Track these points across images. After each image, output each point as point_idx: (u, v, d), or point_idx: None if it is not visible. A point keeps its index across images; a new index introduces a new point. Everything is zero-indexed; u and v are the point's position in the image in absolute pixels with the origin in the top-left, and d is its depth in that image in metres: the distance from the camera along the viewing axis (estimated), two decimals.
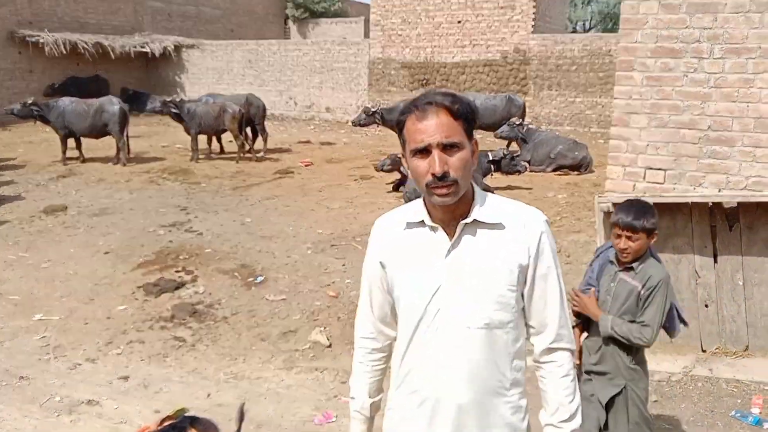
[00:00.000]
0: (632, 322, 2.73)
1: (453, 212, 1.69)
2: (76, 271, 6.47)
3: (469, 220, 1.69)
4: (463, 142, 1.63)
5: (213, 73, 22.46)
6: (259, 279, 6.20)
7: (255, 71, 21.62)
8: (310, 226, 7.98)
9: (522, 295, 1.74)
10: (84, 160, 12.05)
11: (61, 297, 5.83)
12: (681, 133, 4.24)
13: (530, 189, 9.84)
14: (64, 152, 11.82)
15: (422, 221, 1.74)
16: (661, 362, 4.35)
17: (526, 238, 1.70)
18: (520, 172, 9.37)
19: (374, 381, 1.95)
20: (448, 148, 1.61)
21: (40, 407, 4.03)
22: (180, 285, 6.02)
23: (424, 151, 1.62)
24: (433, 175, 1.61)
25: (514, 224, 1.71)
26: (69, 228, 7.92)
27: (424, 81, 18.38)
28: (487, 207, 1.71)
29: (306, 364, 4.61)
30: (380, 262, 1.82)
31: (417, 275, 1.73)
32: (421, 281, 1.72)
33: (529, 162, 10.49)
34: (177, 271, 6.37)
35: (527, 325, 1.80)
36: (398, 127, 1.70)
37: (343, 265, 6.56)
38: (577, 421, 1.77)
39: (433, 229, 1.72)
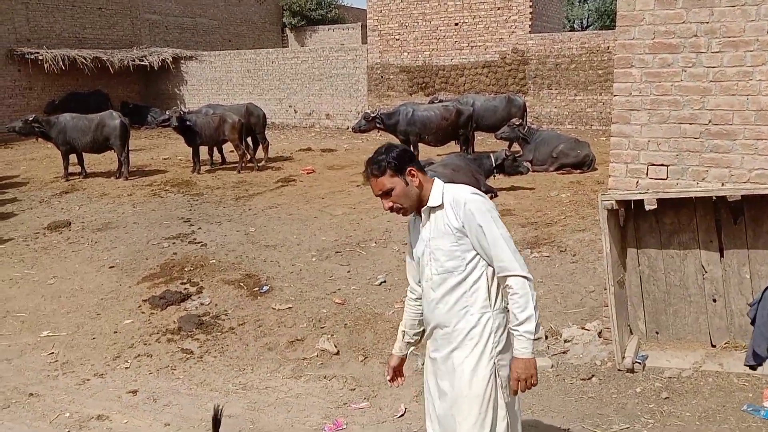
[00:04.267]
0: None
1: (420, 206, 2.59)
2: (81, 286, 6.48)
3: (425, 207, 2.57)
4: (393, 185, 2.50)
5: (212, 83, 22.49)
6: (265, 288, 6.20)
7: (254, 80, 21.65)
8: (314, 234, 7.97)
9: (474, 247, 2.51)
10: (86, 176, 12.07)
11: (68, 313, 5.84)
12: (682, 128, 4.22)
13: (533, 189, 9.82)
14: (66, 168, 11.85)
15: None
16: (671, 358, 4.33)
17: (456, 209, 2.50)
18: (522, 173, 9.34)
19: (414, 317, 2.81)
20: (385, 194, 2.51)
21: (50, 424, 4.04)
22: (186, 297, 6.02)
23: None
24: None
25: (449, 202, 2.53)
26: (73, 243, 7.93)
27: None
28: (436, 196, 2.55)
29: (314, 373, 4.60)
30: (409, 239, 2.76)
31: (417, 244, 2.64)
32: (418, 248, 2.63)
33: (531, 162, 10.47)
34: (182, 283, 6.37)
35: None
36: None
37: (348, 271, 6.55)
38: (526, 326, 2.42)
39: (420, 216, 2.62)
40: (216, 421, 1.92)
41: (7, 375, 4.73)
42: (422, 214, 2.59)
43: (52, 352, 5.08)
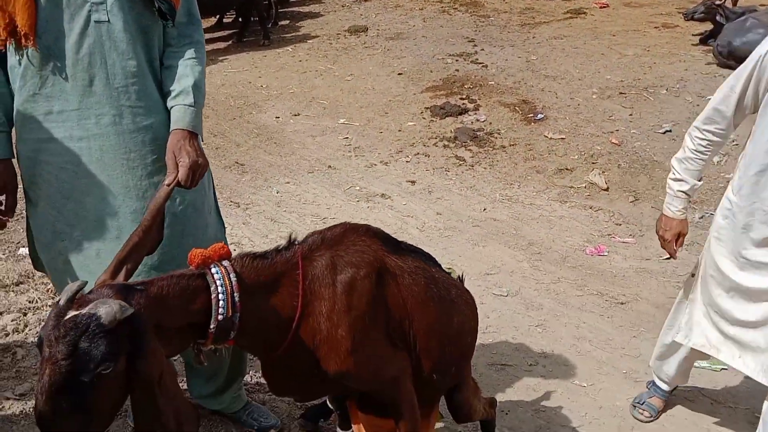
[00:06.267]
0: None
1: None
2: (373, 86, 7.09)
3: None
4: None
5: None
6: (539, 116, 6.18)
7: None
8: (598, 71, 7.55)
9: None
10: None
11: (361, 107, 6.50)
12: None
13: None
14: None
15: None
16: None
17: None
18: None
19: (703, 169, 2.24)
20: None
21: (344, 192, 4.72)
22: (463, 111, 6.28)
23: None
24: None
25: None
26: (368, 48, 8.57)
27: None
28: None
29: (580, 201, 4.63)
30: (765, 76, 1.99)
31: None
32: None
33: None
34: (461, 98, 6.61)
35: None
36: None
37: (630, 114, 6.18)
38: None
39: None
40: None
41: (311, 148, 5.55)
42: None
43: (347, 137, 5.78)
